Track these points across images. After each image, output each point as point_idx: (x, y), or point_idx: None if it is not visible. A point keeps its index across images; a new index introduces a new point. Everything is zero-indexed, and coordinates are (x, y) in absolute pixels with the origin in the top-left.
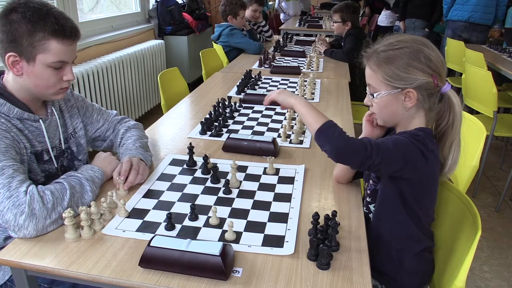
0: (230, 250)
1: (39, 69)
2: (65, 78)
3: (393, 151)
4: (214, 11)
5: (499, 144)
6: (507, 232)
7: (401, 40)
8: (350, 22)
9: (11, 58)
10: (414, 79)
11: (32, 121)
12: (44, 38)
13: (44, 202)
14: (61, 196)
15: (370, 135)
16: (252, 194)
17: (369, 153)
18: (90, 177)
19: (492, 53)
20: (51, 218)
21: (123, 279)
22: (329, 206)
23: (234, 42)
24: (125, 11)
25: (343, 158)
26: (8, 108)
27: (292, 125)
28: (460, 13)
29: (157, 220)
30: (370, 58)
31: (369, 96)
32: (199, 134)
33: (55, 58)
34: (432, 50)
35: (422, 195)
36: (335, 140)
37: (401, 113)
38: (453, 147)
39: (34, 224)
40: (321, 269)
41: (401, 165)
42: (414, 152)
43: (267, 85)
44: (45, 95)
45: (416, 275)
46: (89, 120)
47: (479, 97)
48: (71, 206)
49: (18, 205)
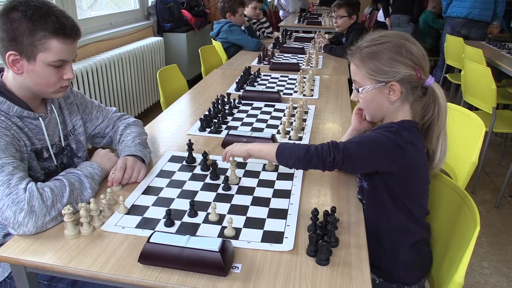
0: (230, 246)
1: (40, 67)
2: (65, 77)
3: (359, 149)
4: (213, 8)
5: (498, 141)
6: (506, 228)
7: (383, 35)
8: (355, 15)
9: (11, 56)
10: (397, 72)
11: (32, 119)
12: (45, 37)
13: (44, 199)
14: (60, 193)
15: (358, 128)
16: (251, 191)
17: (331, 155)
18: (89, 174)
19: (491, 49)
20: (50, 215)
21: (123, 276)
22: (328, 202)
23: (233, 38)
24: (124, 8)
25: (308, 164)
26: (8, 106)
27: (292, 122)
28: (459, 9)
29: (156, 216)
30: (354, 54)
31: (355, 92)
32: (198, 131)
33: (55, 57)
34: (414, 44)
35: (408, 187)
36: (295, 152)
37: (386, 106)
38: (441, 139)
39: (33, 221)
40: (320, 264)
41: (372, 161)
42: (387, 146)
43: (266, 82)
44: (45, 94)
45: (413, 268)
46: (88, 117)
47: (478, 93)
48: (71, 203)
49: (17, 202)
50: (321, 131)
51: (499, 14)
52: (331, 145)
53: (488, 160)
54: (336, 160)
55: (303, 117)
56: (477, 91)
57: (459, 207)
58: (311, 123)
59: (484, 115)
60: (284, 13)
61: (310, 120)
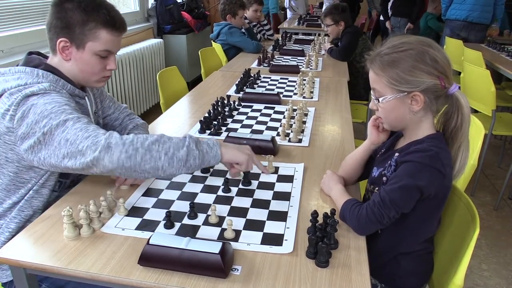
0: (229, 248)
1: (87, 56)
2: (108, 67)
3: (404, 195)
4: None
5: (497, 143)
6: (505, 230)
7: (405, 41)
8: (342, 21)
9: (62, 43)
10: (420, 82)
11: (80, 98)
12: (96, 28)
13: (123, 139)
14: (144, 138)
15: (376, 141)
16: (251, 193)
17: (384, 216)
18: (196, 139)
19: (491, 52)
20: (127, 152)
21: (122, 277)
22: (328, 204)
23: (232, 40)
24: (124, 10)
25: (364, 232)
26: (62, 83)
27: (291, 124)
28: (458, 12)
29: (156, 218)
30: (373, 61)
31: (374, 101)
32: (198, 133)
33: (103, 46)
34: (438, 50)
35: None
36: (353, 222)
37: (408, 117)
38: (462, 149)
39: (109, 156)
40: (320, 267)
41: (417, 196)
42: (428, 175)
43: (266, 84)
44: (88, 81)
45: (416, 275)
46: (101, 104)
47: (477, 96)
48: (158, 150)
49: (96, 142)
50: (320, 133)
51: (498, 16)
52: (378, 205)
53: (487, 162)
54: (390, 217)
55: (303, 119)
56: (477, 94)
57: (459, 211)
58: (311, 125)
59: (484, 117)
60: (292, 15)
61: (310, 122)
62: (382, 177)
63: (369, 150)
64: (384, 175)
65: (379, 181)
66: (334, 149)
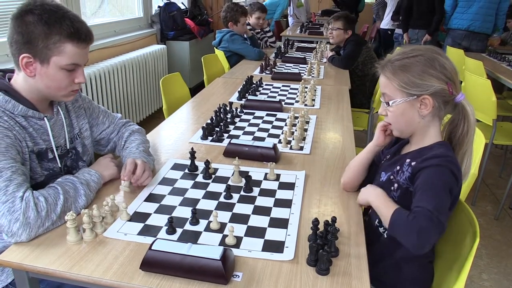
0: (231, 254)
1: (53, 71)
2: (76, 81)
3: (440, 203)
4: (216, 17)
5: (498, 152)
6: (506, 240)
7: (415, 48)
8: (350, 30)
9: (25, 59)
10: (429, 85)
11: (37, 119)
12: (60, 41)
13: (38, 210)
14: (54, 202)
15: (382, 143)
16: (252, 200)
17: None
18: (85, 181)
19: (492, 61)
20: (44, 226)
21: (124, 282)
22: (328, 212)
23: (234, 47)
24: (128, 16)
25: (426, 247)
26: (12, 105)
27: (293, 131)
28: (460, 21)
29: (158, 224)
30: (385, 67)
31: (384, 105)
32: (200, 139)
33: (69, 60)
34: (446, 59)
35: None
36: (405, 238)
37: (417, 121)
38: (466, 157)
39: (27, 232)
40: (320, 274)
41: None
42: (453, 180)
43: (268, 91)
44: (55, 97)
45: (416, 284)
46: (95, 121)
47: (478, 105)
48: (64, 211)
49: (13, 211)
50: (322, 141)
51: (500, 26)
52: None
53: (488, 172)
54: (439, 227)
55: (305, 126)
56: (477, 103)
57: (459, 219)
58: (312, 133)
59: (484, 127)
60: (294, 22)
61: (311, 130)
62: (392, 181)
63: (373, 152)
64: (393, 179)
65: (387, 185)
66: (335, 157)
